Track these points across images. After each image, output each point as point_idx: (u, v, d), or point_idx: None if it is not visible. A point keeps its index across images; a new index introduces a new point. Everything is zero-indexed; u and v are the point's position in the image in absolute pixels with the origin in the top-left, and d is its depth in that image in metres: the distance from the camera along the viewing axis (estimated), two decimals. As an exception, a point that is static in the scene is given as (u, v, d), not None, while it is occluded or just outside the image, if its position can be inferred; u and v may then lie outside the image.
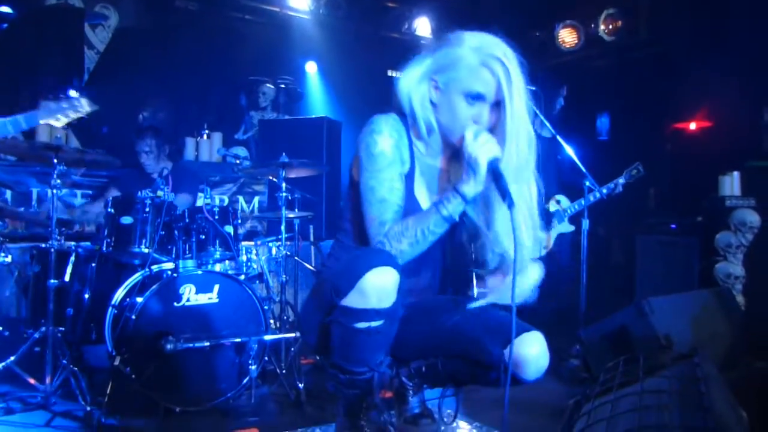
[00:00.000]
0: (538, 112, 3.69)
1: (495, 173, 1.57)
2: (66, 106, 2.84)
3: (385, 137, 1.70)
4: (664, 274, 4.63)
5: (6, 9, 5.36)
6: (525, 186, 1.70)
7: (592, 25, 5.93)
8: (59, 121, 2.87)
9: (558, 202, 4.57)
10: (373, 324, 1.55)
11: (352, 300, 1.54)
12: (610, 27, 5.79)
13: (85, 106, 2.89)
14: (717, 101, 5.09)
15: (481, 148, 1.58)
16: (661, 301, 3.21)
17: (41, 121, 2.86)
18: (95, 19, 5.95)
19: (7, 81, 4.99)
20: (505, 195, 1.54)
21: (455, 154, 1.80)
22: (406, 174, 1.76)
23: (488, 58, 1.63)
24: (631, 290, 4.79)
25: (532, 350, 1.61)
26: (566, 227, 4.61)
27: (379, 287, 1.52)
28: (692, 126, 5.62)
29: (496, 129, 1.67)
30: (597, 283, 4.20)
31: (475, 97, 1.65)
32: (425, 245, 1.66)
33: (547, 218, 4.52)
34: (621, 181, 4.18)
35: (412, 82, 1.73)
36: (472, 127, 1.64)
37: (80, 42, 5.81)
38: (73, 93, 2.88)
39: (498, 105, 1.66)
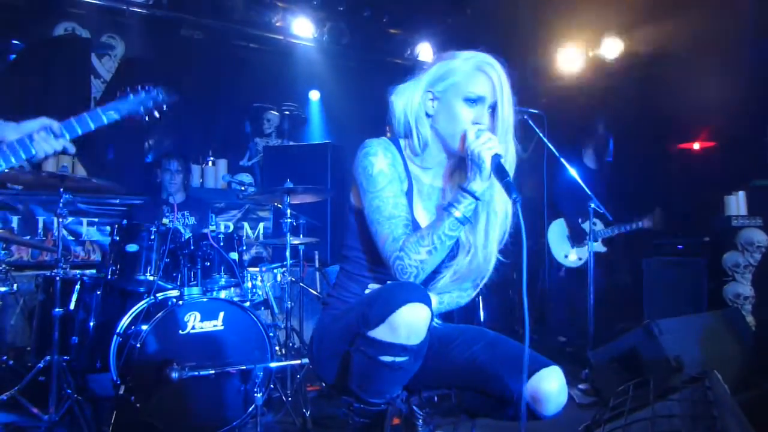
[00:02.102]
0: (541, 134, 3.70)
1: (499, 169, 1.59)
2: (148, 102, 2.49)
3: (381, 157, 1.72)
4: (673, 295, 4.59)
5: (15, 42, 5.46)
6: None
7: (593, 48, 5.98)
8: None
9: (594, 223, 4.56)
10: (398, 359, 1.51)
11: (380, 333, 1.50)
12: (611, 49, 5.83)
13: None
14: (720, 120, 5.09)
15: (484, 145, 1.60)
16: (670, 322, 3.18)
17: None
18: (102, 49, 6.04)
19: (14, 110, 5.05)
20: (511, 190, 1.55)
21: (453, 170, 1.83)
22: (406, 192, 1.77)
23: (482, 64, 1.70)
24: (639, 312, 4.74)
25: (551, 386, 1.59)
26: (600, 246, 4.83)
27: (411, 323, 1.48)
28: (696, 146, 5.62)
29: (492, 132, 1.70)
30: (604, 305, 4.17)
31: (475, 100, 1.69)
32: (443, 252, 1.66)
33: (580, 236, 4.79)
34: (642, 224, 4.59)
35: (406, 97, 1.77)
36: (472, 127, 1.67)
37: (87, 71, 5.89)
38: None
39: (493, 109, 1.71)
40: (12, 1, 5.39)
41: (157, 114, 2.53)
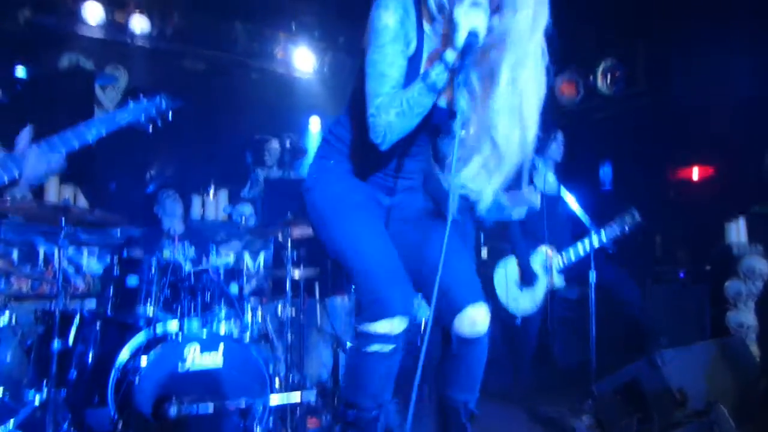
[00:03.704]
0: (539, 166, 3.71)
1: (465, 45, 1.57)
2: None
3: (390, 13, 1.69)
4: (675, 324, 4.56)
5: (20, 71, 5.51)
6: (527, 63, 1.70)
7: (591, 77, 6.03)
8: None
9: (548, 254, 4.26)
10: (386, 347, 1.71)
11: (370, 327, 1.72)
12: (609, 77, 5.88)
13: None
14: (718, 147, 5.11)
15: (465, 15, 1.58)
16: (673, 353, 3.15)
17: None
18: (105, 80, 6.11)
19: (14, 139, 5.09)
20: (461, 70, 1.56)
21: None
22: (413, 54, 1.75)
23: None
24: (642, 342, 4.70)
25: (470, 328, 1.84)
26: (560, 284, 4.27)
27: (389, 331, 1.71)
28: (695, 172, 5.63)
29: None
30: (607, 335, 4.13)
31: None
32: (412, 117, 1.67)
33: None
34: (616, 228, 3.98)
35: None
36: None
37: (90, 102, 5.95)
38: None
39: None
40: (18, 33, 5.47)
41: (160, 122, 2.41)
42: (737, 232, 4.47)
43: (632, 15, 5.20)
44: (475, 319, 1.84)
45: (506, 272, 4.25)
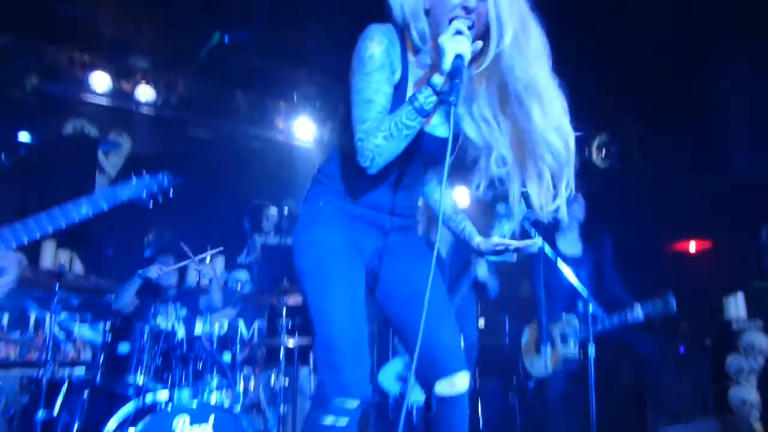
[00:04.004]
0: (534, 232, 3.73)
1: (453, 68, 1.59)
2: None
3: (376, 43, 1.73)
4: (676, 399, 4.46)
5: (25, 136, 5.60)
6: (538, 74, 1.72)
7: (586, 150, 6.14)
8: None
9: (569, 323, 4.30)
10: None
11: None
12: (603, 152, 5.99)
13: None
14: (715, 221, 5.15)
15: (451, 41, 1.60)
16: (677, 431, 3.07)
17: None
18: (109, 146, 6.20)
19: (17, 204, 5.12)
20: (452, 91, 1.56)
21: None
22: (398, 83, 1.78)
23: None
24: (644, 418, 4.59)
25: (449, 389, 1.86)
26: (573, 353, 4.23)
27: (345, 406, 1.71)
28: (692, 246, 5.65)
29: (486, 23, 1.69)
30: (607, 412, 4.03)
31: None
32: (400, 140, 1.67)
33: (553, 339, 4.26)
34: (640, 312, 3.90)
35: None
36: (462, 23, 1.65)
37: (92, 169, 6.01)
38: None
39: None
40: (24, 98, 5.59)
41: (161, 199, 2.45)
42: (736, 306, 4.45)
43: (626, 93, 5.35)
44: (455, 383, 1.87)
45: (528, 334, 4.32)
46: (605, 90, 5.34)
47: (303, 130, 6.65)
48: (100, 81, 5.68)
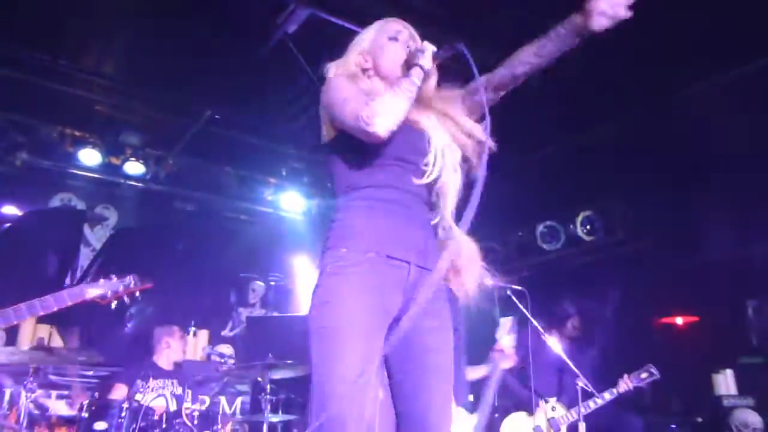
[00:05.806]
0: (525, 311, 3.73)
1: (436, 52, 1.84)
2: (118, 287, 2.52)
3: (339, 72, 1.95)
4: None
5: (12, 209, 5.58)
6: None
7: (571, 225, 6.22)
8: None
9: (553, 408, 4.23)
10: None
11: None
12: (588, 227, 6.07)
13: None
14: (701, 295, 5.17)
15: (429, 45, 1.87)
16: None
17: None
18: (95, 219, 6.19)
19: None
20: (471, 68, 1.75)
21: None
22: None
23: (387, 18, 2.03)
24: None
25: None
26: None
27: None
28: (679, 321, 5.65)
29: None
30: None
31: (396, 34, 1.96)
32: (405, 98, 1.78)
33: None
34: (630, 384, 4.07)
35: (339, 66, 1.97)
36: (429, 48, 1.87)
37: (77, 242, 5.98)
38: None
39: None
40: (12, 171, 5.60)
41: (127, 300, 2.56)
42: (725, 383, 4.42)
43: (610, 171, 5.50)
44: None
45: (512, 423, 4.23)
46: (587, 167, 5.50)
47: (292, 204, 6.70)
48: (90, 157, 5.71)
